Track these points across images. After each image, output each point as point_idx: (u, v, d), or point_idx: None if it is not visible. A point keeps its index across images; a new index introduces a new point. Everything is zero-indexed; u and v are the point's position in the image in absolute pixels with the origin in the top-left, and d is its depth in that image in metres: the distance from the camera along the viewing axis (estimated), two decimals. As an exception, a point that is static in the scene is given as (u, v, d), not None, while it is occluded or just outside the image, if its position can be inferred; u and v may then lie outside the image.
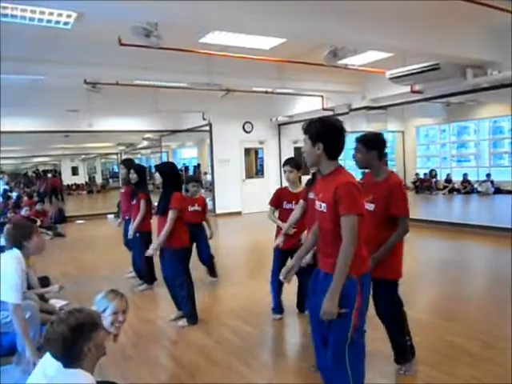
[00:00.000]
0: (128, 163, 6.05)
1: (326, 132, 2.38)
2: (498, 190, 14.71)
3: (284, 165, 4.28)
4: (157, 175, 4.34)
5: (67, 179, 24.91)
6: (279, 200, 4.31)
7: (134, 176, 5.49)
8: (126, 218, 6.11)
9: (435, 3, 5.12)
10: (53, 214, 12.49)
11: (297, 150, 12.81)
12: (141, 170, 5.59)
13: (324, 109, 11.04)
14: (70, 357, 1.86)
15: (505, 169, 15.97)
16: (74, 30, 5.50)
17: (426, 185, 16.56)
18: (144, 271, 5.72)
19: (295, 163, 4.22)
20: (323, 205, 2.40)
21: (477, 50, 6.79)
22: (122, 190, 6.20)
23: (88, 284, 5.83)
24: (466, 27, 6.46)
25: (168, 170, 4.39)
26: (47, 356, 1.95)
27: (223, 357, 3.61)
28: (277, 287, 4.36)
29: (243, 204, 12.95)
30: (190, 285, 4.40)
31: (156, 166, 4.54)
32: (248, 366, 3.41)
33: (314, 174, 3.69)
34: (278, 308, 4.44)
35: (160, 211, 4.31)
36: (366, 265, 2.44)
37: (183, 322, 4.38)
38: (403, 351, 3.19)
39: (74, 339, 1.85)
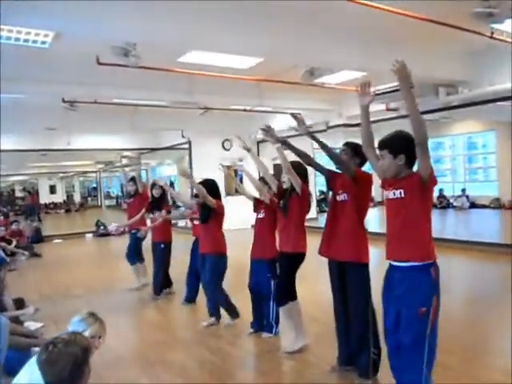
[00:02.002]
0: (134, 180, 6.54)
1: (407, 144, 2.49)
2: (473, 205, 15.02)
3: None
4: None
5: (45, 198, 24.56)
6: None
7: (157, 191, 5.92)
8: (133, 231, 6.44)
9: (408, 24, 5.28)
10: (29, 233, 12.26)
11: (276, 166, 12.90)
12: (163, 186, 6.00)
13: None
14: (74, 379, 1.81)
15: (479, 184, 16.35)
16: (52, 49, 5.50)
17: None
18: (159, 279, 5.95)
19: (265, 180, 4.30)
20: (400, 191, 2.50)
21: (449, 70, 7.02)
22: (128, 201, 6.64)
23: (65, 305, 5.73)
24: (439, 48, 6.67)
25: (211, 184, 4.70)
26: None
27: (203, 378, 3.57)
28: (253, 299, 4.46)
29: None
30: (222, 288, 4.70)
31: (204, 180, 4.80)
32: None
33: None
34: (253, 322, 4.47)
35: (202, 219, 4.68)
36: (434, 251, 2.52)
37: (229, 320, 4.71)
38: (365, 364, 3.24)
39: (83, 360, 1.83)
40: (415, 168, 2.56)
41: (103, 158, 18.69)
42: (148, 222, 6.47)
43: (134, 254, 6.54)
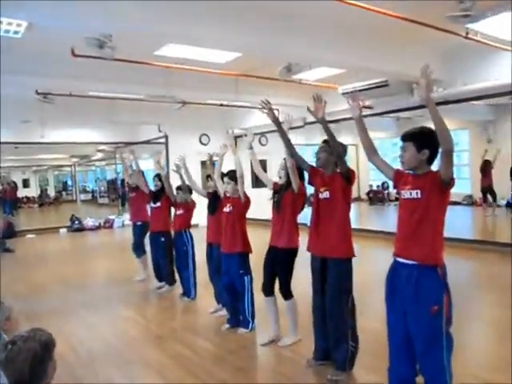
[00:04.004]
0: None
1: (432, 140, 2.49)
2: (447, 201, 15.30)
3: (224, 176, 4.46)
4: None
5: (18, 192, 24.00)
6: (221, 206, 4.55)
7: (158, 183, 6.08)
8: (138, 222, 6.68)
9: (384, 23, 5.34)
10: (1, 228, 11.98)
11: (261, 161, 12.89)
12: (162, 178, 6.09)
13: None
14: (35, 376, 1.78)
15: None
16: (25, 39, 5.37)
17: (378, 196, 17.04)
18: (168, 272, 6.05)
19: (232, 175, 4.35)
20: (417, 191, 2.53)
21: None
22: (132, 195, 6.78)
23: (38, 302, 5.62)
24: (414, 46, 6.78)
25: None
26: None
27: (180, 375, 3.55)
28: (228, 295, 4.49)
29: (200, 216, 12.85)
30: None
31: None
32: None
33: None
34: (230, 318, 4.51)
35: (210, 211, 4.88)
36: (443, 253, 2.58)
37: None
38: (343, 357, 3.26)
39: (43, 356, 1.81)
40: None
41: (78, 151, 18.36)
42: (148, 213, 6.55)
43: (141, 246, 6.70)
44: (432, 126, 2.46)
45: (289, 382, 3.37)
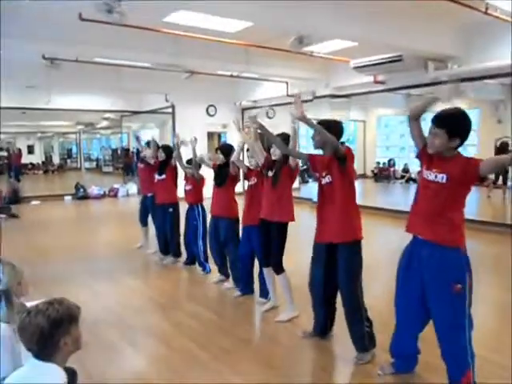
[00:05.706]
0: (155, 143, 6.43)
1: (465, 128, 2.51)
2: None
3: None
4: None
5: (23, 158, 24.04)
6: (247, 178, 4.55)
7: (162, 155, 6.00)
8: (148, 194, 6.46)
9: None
10: (6, 194, 12.03)
11: (260, 135, 12.80)
12: (169, 149, 6.07)
13: (288, 95, 11.05)
14: (44, 350, 1.78)
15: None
16: (33, 3, 5.26)
17: (384, 174, 16.94)
18: (175, 245, 6.00)
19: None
20: (443, 176, 2.51)
21: (439, 44, 6.95)
22: (141, 166, 6.68)
23: (44, 269, 5.65)
24: (430, 21, 6.59)
25: (229, 149, 4.82)
26: None
27: (183, 343, 3.59)
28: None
29: (204, 188, 12.84)
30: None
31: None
32: (209, 353, 3.40)
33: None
34: (241, 286, 4.57)
35: (218, 183, 4.82)
36: (464, 235, 2.59)
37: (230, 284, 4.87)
38: (362, 338, 3.22)
39: (52, 332, 1.77)
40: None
41: (84, 119, 18.24)
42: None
43: (146, 217, 6.69)
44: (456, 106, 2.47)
45: (288, 353, 3.41)
